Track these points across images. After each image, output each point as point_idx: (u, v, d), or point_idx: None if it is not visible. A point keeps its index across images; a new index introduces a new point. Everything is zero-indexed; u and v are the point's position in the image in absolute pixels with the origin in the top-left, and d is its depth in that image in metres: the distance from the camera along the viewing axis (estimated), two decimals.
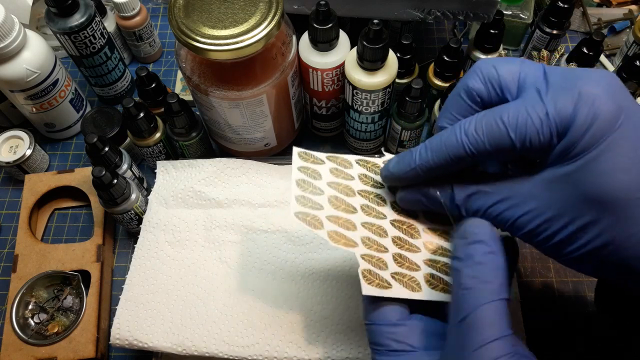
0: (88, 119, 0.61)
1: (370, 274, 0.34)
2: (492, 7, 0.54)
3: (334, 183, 0.38)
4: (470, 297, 0.29)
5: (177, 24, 0.46)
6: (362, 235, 0.35)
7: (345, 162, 0.40)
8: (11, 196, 0.65)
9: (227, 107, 0.52)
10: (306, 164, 0.38)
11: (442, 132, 0.33)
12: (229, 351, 0.47)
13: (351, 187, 0.38)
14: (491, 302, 0.28)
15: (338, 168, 0.39)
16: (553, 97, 0.29)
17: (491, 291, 0.29)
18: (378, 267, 0.34)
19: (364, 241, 0.35)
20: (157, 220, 0.54)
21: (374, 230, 0.36)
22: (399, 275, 0.34)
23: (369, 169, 0.40)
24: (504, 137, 0.30)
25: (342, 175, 0.39)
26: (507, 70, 0.32)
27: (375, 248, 0.35)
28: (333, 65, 0.53)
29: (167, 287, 0.51)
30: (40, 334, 0.53)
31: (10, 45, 0.54)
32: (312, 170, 0.38)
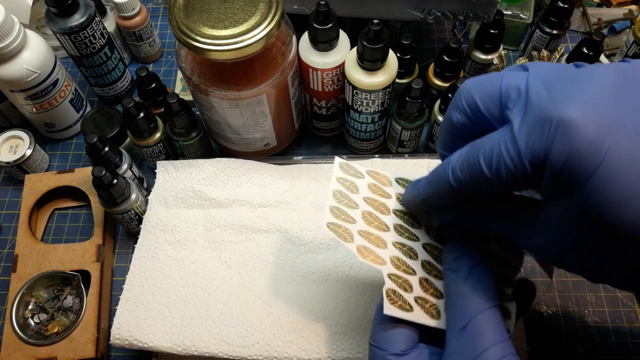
0: (88, 119, 0.61)
1: (394, 294, 0.34)
2: (492, 7, 0.54)
3: (370, 199, 0.37)
4: (467, 306, 0.30)
5: (177, 24, 0.46)
6: (391, 255, 0.35)
7: (385, 179, 0.39)
8: (11, 196, 0.65)
9: (227, 107, 0.52)
10: (346, 176, 0.38)
11: (437, 167, 0.32)
12: (229, 351, 0.47)
13: (387, 205, 0.38)
14: (489, 309, 0.30)
15: (377, 184, 0.39)
16: (526, 131, 0.25)
17: (487, 299, 0.30)
18: (403, 289, 0.34)
19: (392, 260, 0.35)
20: (157, 220, 0.54)
21: (405, 251, 0.36)
22: (421, 300, 0.34)
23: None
24: (484, 176, 0.28)
25: (380, 192, 0.38)
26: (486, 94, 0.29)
27: (403, 269, 0.35)
28: (333, 65, 0.53)
29: (167, 287, 0.51)
30: (40, 334, 0.53)
31: (10, 45, 0.54)
32: (350, 182, 0.38)
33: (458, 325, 0.30)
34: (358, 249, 0.35)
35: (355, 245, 0.35)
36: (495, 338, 0.29)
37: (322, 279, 0.51)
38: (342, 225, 0.35)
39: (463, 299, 0.31)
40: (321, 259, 0.52)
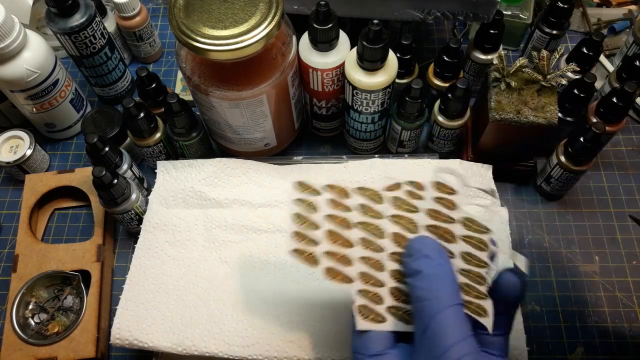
0: (88, 119, 0.62)
1: (365, 309, 0.34)
2: (492, 8, 0.54)
3: (332, 216, 0.37)
4: (426, 308, 0.31)
5: (177, 24, 0.46)
6: (358, 271, 0.35)
7: (343, 192, 0.39)
8: (11, 196, 0.65)
9: (227, 107, 0.52)
10: (303, 196, 0.37)
11: None
12: (229, 351, 0.47)
13: (348, 220, 0.37)
14: (448, 309, 0.30)
15: (336, 199, 0.38)
16: None
17: (446, 299, 0.30)
18: (374, 302, 0.34)
19: (360, 276, 0.35)
20: (157, 220, 0.54)
21: (372, 264, 0.36)
22: (394, 309, 0.34)
23: (368, 197, 0.39)
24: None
25: (340, 207, 0.38)
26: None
27: (372, 283, 0.35)
28: (333, 66, 0.53)
29: (167, 287, 0.51)
30: (41, 334, 0.53)
31: (11, 46, 0.54)
32: (308, 202, 0.37)
33: (420, 329, 0.31)
34: (326, 270, 0.35)
35: (321, 268, 0.35)
36: (455, 337, 0.29)
37: (323, 279, 0.51)
38: (307, 250, 0.35)
39: (422, 302, 0.31)
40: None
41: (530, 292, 0.55)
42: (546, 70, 0.50)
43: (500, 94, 0.51)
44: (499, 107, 0.50)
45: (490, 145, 0.56)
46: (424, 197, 0.37)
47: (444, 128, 0.58)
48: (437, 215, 0.36)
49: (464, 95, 0.54)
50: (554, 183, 0.57)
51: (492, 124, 0.51)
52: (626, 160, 0.64)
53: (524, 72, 0.51)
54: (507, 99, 0.50)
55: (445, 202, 0.37)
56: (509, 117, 0.50)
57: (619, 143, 0.65)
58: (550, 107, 0.50)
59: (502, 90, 0.51)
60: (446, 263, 0.32)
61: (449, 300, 0.31)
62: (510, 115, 0.50)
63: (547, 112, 0.50)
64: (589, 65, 0.60)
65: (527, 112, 0.50)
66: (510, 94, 0.51)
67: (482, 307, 0.33)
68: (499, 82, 0.51)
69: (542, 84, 0.50)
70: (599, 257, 0.57)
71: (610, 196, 0.61)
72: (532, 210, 0.60)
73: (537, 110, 0.50)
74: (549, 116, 0.50)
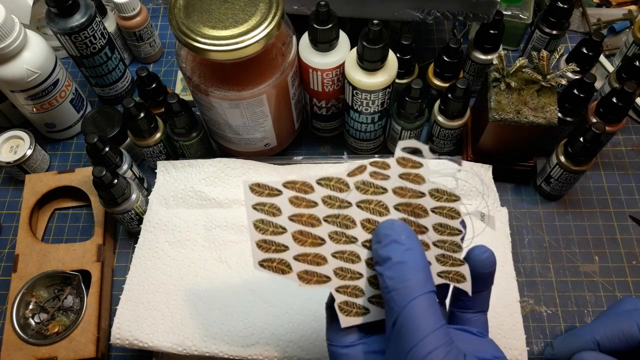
0: (88, 119, 0.62)
1: (347, 305, 0.33)
2: (492, 8, 0.54)
3: (297, 215, 0.34)
4: (396, 299, 0.28)
5: (178, 25, 0.46)
6: (334, 267, 0.34)
7: (306, 186, 0.35)
8: (12, 196, 0.65)
9: (227, 108, 0.52)
10: (261, 199, 0.34)
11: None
12: (229, 351, 0.47)
13: (315, 216, 0.35)
14: (416, 298, 0.28)
15: (298, 196, 0.35)
16: None
17: (415, 288, 0.28)
18: (354, 296, 0.33)
19: (336, 272, 0.34)
20: (158, 220, 0.54)
21: (346, 258, 0.34)
22: (376, 298, 0.34)
23: (332, 187, 0.35)
24: None
25: (304, 203, 0.35)
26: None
27: (349, 277, 0.34)
28: (333, 66, 0.53)
29: (168, 287, 0.51)
30: (41, 334, 0.53)
31: (11, 46, 0.54)
32: (269, 205, 0.34)
33: (390, 321, 0.29)
34: (299, 276, 0.33)
35: (294, 273, 0.33)
36: (425, 329, 0.27)
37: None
38: (276, 258, 0.33)
39: (390, 292, 0.29)
40: None
41: (530, 292, 0.55)
42: (546, 70, 0.50)
43: (500, 94, 0.51)
44: (499, 107, 0.51)
45: (490, 145, 0.56)
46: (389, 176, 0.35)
47: (444, 128, 0.58)
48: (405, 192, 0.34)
49: (464, 95, 0.54)
50: (554, 183, 0.57)
51: (492, 124, 0.52)
52: (626, 160, 0.64)
53: (524, 72, 0.52)
54: (507, 99, 0.51)
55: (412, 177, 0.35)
56: (508, 117, 0.50)
57: (619, 143, 0.65)
58: (550, 107, 0.50)
59: (502, 90, 0.51)
60: (416, 247, 0.30)
61: (419, 288, 0.28)
62: (510, 115, 0.50)
63: (547, 112, 0.50)
64: (589, 66, 0.60)
65: (526, 112, 0.50)
66: (510, 94, 0.51)
67: (460, 273, 0.33)
68: (499, 82, 0.52)
69: (542, 84, 0.51)
70: (599, 257, 0.57)
71: (610, 196, 0.61)
72: (532, 210, 0.60)
73: (537, 110, 0.50)
74: (549, 116, 0.50)
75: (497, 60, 0.51)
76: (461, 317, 0.33)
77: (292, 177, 0.34)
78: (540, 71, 0.51)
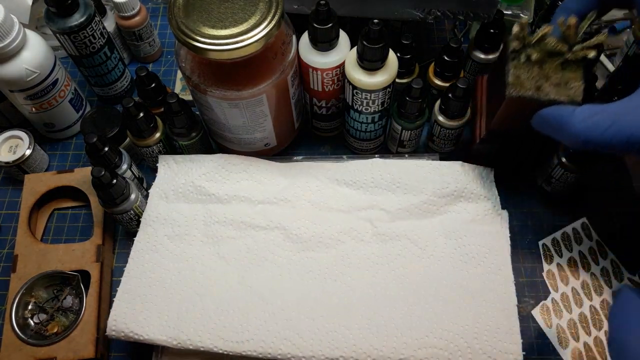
0: (88, 118, 0.61)
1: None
2: (493, 7, 0.54)
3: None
4: None
5: (177, 24, 0.46)
6: None
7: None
8: (11, 196, 0.65)
9: (226, 107, 0.52)
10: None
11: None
12: (223, 346, 0.47)
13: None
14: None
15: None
16: None
17: None
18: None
19: None
20: (157, 214, 0.55)
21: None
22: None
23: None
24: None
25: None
26: None
27: None
28: (333, 65, 0.53)
29: (165, 281, 0.51)
30: (40, 334, 0.53)
31: (10, 45, 0.54)
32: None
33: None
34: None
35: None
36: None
37: (319, 277, 0.51)
38: None
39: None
40: (318, 257, 0.52)
41: (531, 292, 0.55)
42: (573, 40, 0.44)
43: (520, 67, 0.45)
44: (518, 82, 0.44)
45: (505, 122, 0.50)
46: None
47: (445, 128, 0.58)
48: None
49: (465, 95, 0.54)
50: (554, 183, 0.57)
51: (510, 100, 0.45)
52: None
53: (548, 42, 0.45)
54: (526, 74, 0.44)
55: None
56: (527, 94, 0.44)
57: None
58: (575, 83, 0.43)
59: (522, 62, 0.45)
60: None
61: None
62: (530, 92, 0.44)
63: (571, 89, 0.43)
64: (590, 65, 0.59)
65: (548, 89, 0.44)
66: (531, 68, 0.45)
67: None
68: (519, 53, 0.45)
69: (567, 58, 0.44)
70: None
71: None
72: (532, 210, 0.60)
73: (560, 86, 0.44)
74: (572, 93, 0.43)
75: (517, 28, 0.45)
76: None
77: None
78: (566, 40, 0.44)
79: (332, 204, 0.55)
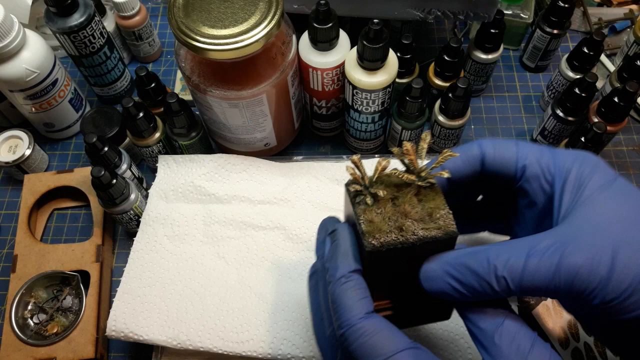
0: (87, 118, 0.61)
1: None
2: (493, 7, 0.54)
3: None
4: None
5: (177, 24, 0.46)
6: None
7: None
8: (10, 196, 0.65)
9: (226, 107, 0.52)
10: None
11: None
12: (223, 346, 0.47)
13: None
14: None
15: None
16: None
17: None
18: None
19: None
20: (157, 214, 0.55)
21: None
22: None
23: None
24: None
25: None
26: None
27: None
28: (333, 65, 0.53)
29: (165, 281, 0.51)
30: (40, 335, 0.53)
31: (10, 45, 0.54)
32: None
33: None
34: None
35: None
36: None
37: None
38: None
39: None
40: None
41: None
42: (416, 166, 0.35)
43: (370, 210, 0.34)
44: (374, 228, 0.34)
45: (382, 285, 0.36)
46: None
47: (445, 128, 0.58)
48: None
49: (465, 94, 0.54)
50: None
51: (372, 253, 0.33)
52: (627, 160, 0.63)
53: (391, 175, 0.35)
54: (380, 215, 0.34)
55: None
56: (390, 238, 0.33)
57: (620, 143, 0.65)
58: (440, 211, 0.34)
59: (370, 205, 0.35)
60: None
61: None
62: (393, 235, 0.33)
63: (439, 220, 0.34)
64: (590, 65, 0.59)
65: (412, 227, 0.34)
66: (383, 208, 0.35)
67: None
68: (363, 195, 0.35)
69: (419, 185, 0.35)
70: None
71: None
72: None
73: (425, 221, 0.34)
74: (443, 224, 0.34)
75: (351, 166, 0.35)
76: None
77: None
78: (410, 169, 0.35)
79: (332, 204, 0.55)
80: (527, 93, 0.69)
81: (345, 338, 0.29)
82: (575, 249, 0.28)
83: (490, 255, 0.29)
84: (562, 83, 0.62)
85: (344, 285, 0.31)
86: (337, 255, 0.32)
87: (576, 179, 0.31)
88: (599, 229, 0.28)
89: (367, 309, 0.30)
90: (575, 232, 0.29)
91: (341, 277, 0.31)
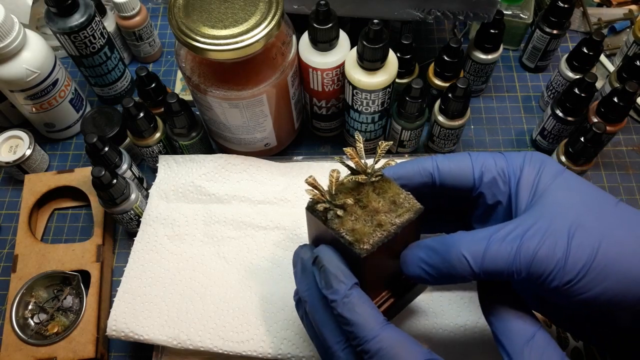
0: (88, 118, 0.61)
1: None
2: (492, 7, 0.54)
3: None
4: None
5: (177, 24, 0.46)
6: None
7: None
8: (11, 196, 0.65)
9: (227, 107, 0.52)
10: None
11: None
12: (223, 346, 0.47)
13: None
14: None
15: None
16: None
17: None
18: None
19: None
20: (157, 213, 0.55)
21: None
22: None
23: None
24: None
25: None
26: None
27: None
28: (333, 65, 0.53)
29: (165, 281, 0.51)
30: (40, 334, 0.53)
31: (10, 45, 0.54)
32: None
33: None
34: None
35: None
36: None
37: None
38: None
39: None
40: None
41: None
42: (361, 166, 0.37)
43: (344, 221, 0.36)
44: (359, 234, 0.35)
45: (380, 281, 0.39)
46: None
47: (445, 128, 0.58)
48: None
49: (465, 95, 0.54)
50: None
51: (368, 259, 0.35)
52: (627, 160, 0.63)
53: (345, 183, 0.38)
54: (357, 222, 0.36)
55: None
56: (376, 237, 0.35)
57: (620, 143, 0.65)
58: (401, 196, 0.37)
59: (342, 216, 0.36)
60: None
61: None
62: (377, 233, 0.35)
63: (405, 203, 0.37)
64: (590, 65, 0.59)
65: (388, 218, 0.36)
66: (355, 213, 0.37)
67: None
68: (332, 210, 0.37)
69: (372, 180, 0.37)
70: None
71: None
72: None
73: (393, 209, 0.36)
74: (409, 205, 0.36)
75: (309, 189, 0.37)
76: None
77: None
78: (357, 170, 0.38)
79: None
80: (527, 93, 0.69)
81: (366, 352, 0.31)
82: (534, 234, 0.30)
83: (456, 239, 0.32)
84: (562, 83, 0.62)
85: (349, 303, 0.32)
86: (330, 279, 0.33)
87: (529, 175, 0.34)
88: (555, 215, 0.31)
89: (380, 321, 0.31)
90: (534, 219, 0.31)
91: (344, 298, 0.32)
